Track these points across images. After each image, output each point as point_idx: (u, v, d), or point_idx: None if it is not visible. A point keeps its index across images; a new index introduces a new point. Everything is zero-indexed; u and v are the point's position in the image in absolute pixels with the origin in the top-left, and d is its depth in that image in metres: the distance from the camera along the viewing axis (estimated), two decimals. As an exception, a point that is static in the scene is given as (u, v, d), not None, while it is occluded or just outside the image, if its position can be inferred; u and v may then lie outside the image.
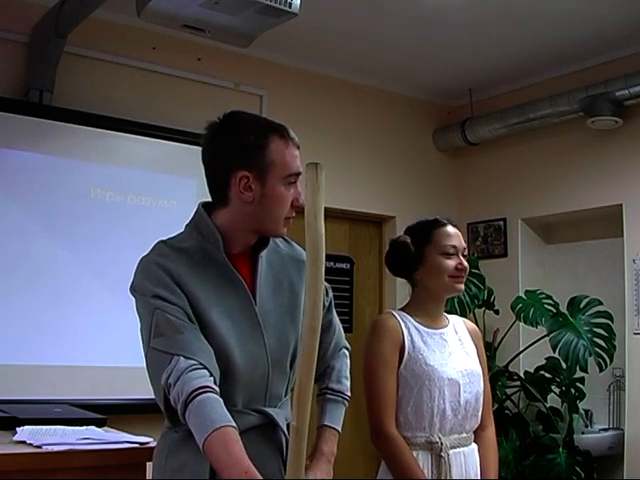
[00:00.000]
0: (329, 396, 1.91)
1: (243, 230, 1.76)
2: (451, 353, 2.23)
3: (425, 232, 2.27)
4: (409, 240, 2.28)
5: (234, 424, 1.53)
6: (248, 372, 1.71)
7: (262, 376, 1.74)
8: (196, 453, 1.55)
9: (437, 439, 2.14)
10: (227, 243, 1.76)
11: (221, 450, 1.49)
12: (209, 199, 1.81)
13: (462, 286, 2.27)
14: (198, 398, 1.53)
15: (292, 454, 1.33)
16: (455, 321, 2.36)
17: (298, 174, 1.74)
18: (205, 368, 1.59)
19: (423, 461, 2.12)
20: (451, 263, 2.23)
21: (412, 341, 2.19)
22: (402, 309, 2.31)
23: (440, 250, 2.23)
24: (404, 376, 2.16)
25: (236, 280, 1.75)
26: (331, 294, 1.98)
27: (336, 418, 1.89)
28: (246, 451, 1.52)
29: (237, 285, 1.74)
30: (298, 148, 1.77)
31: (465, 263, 2.25)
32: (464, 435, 2.21)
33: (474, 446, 2.24)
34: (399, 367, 2.17)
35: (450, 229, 2.28)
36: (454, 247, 2.24)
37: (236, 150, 1.72)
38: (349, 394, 1.94)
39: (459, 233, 2.31)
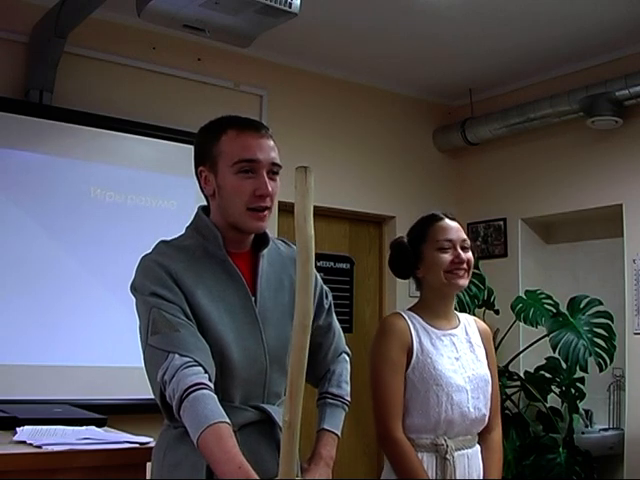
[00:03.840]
0: (329, 400, 1.90)
1: (227, 227, 1.77)
2: (459, 358, 2.19)
3: (421, 229, 2.24)
4: (406, 239, 2.26)
5: (228, 420, 1.54)
6: (245, 368, 1.71)
7: (260, 373, 1.74)
8: (194, 449, 1.55)
9: (443, 441, 2.11)
10: (225, 242, 1.77)
11: (215, 446, 1.50)
12: None
13: (463, 280, 2.19)
14: (192, 395, 1.54)
15: (284, 448, 1.33)
16: (466, 321, 2.30)
17: (252, 161, 1.72)
18: (200, 365, 1.60)
19: (428, 463, 2.10)
20: (446, 257, 2.17)
21: (421, 343, 2.15)
22: (411, 309, 2.26)
23: (435, 245, 2.18)
24: (411, 379, 2.13)
25: (235, 276, 1.76)
26: (330, 298, 1.98)
27: (335, 422, 1.88)
28: (243, 447, 1.53)
29: (236, 281, 1.75)
30: (264, 137, 1.76)
31: (464, 255, 2.18)
32: (469, 437, 2.18)
33: (478, 447, 2.20)
34: (407, 370, 2.13)
35: (446, 223, 2.22)
36: (449, 241, 2.19)
37: (197, 150, 1.81)
38: (349, 399, 1.94)
39: (457, 226, 2.24)
